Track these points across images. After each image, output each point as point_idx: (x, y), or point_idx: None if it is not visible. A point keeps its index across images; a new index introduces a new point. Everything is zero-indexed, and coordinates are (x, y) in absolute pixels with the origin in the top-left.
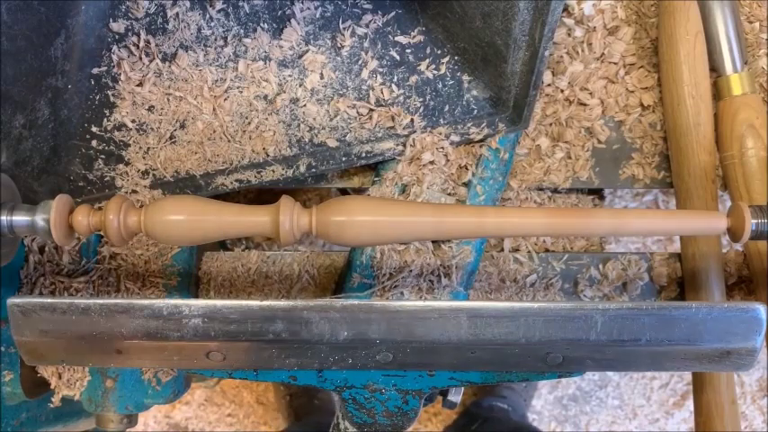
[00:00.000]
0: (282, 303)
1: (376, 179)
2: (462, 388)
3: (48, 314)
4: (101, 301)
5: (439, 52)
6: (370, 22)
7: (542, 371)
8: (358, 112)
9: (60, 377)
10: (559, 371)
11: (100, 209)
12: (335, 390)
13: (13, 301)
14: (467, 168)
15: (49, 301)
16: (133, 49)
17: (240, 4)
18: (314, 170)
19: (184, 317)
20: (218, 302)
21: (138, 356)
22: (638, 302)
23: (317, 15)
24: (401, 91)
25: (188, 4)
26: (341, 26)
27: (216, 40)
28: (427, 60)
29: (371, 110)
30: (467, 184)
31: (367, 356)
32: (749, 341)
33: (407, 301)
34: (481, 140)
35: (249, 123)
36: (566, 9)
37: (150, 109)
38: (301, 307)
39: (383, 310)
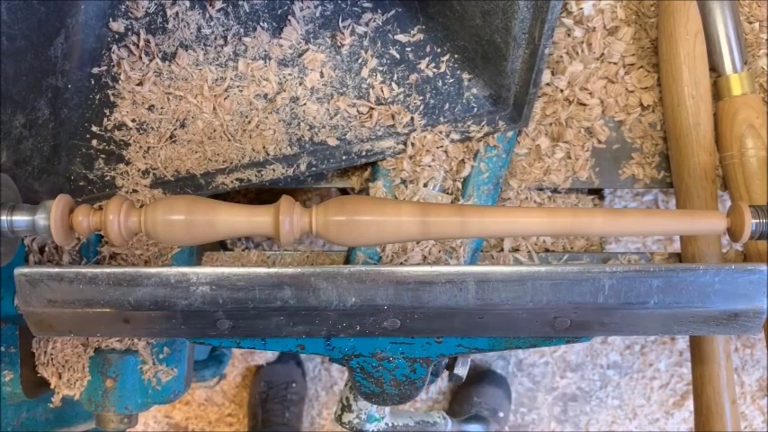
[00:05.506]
0: (290, 270)
1: (375, 175)
2: (468, 362)
3: (55, 284)
4: (108, 270)
5: (439, 50)
6: (369, 20)
7: (550, 336)
8: (358, 111)
9: (60, 377)
10: (567, 336)
11: (100, 209)
12: (343, 358)
13: (20, 270)
14: (464, 162)
15: (56, 270)
16: (133, 48)
17: (240, 3)
18: (314, 169)
19: (192, 284)
20: (226, 269)
21: (146, 326)
22: (645, 265)
23: (317, 14)
24: (401, 89)
25: (188, 3)
26: (341, 25)
27: (216, 39)
28: (427, 59)
29: (371, 108)
30: (467, 179)
31: (375, 323)
32: (755, 302)
33: (415, 266)
34: (481, 138)
35: (249, 122)
36: (565, 9)
37: (150, 108)
38: (309, 273)
39: (390, 275)
